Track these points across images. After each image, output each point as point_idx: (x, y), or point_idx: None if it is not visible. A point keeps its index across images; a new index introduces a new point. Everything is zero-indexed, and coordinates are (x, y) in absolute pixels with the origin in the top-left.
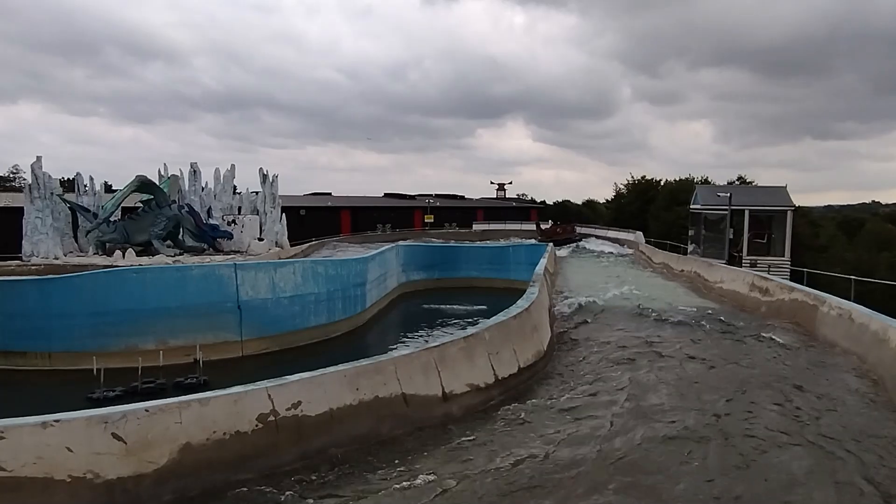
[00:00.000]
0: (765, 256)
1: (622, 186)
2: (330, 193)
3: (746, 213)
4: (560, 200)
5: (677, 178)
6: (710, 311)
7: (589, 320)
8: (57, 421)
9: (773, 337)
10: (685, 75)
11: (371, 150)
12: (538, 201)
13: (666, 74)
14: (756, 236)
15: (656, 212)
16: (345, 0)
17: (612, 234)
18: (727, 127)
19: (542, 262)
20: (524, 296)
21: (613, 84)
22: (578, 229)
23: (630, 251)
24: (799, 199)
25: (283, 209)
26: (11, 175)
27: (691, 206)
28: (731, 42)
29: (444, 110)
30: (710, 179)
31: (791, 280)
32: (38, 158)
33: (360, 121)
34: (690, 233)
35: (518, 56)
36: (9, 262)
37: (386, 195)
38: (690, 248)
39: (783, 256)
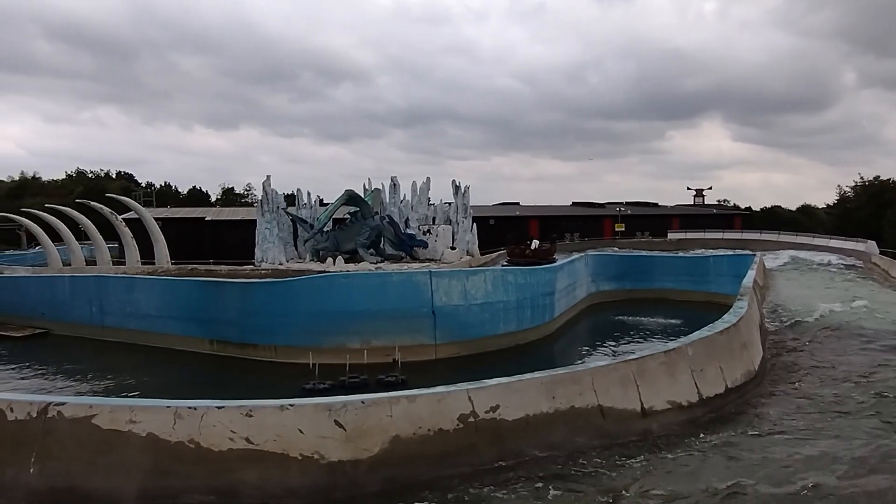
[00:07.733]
0: None
1: (848, 189)
2: (518, 203)
3: None
4: (768, 206)
5: None
6: None
7: (808, 340)
8: (291, 405)
9: None
10: None
11: (555, 159)
12: (742, 207)
13: None
14: None
15: (894, 218)
16: (514, 1)
17: (834, 243)
18: None
19: (751, 273)
20: (731, 310)
21: (832, 68)
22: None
23: (859, 263)
24: None
25: (474, 219)
26: (245, 192)
27: None
28: None
29: (629, 112)
30: None
31: None
32: (268, 177)
33: (541, 129)
34: None
35: (710, 46)
36: (244, 267)
37: (574, 204)
38: None
39: None
